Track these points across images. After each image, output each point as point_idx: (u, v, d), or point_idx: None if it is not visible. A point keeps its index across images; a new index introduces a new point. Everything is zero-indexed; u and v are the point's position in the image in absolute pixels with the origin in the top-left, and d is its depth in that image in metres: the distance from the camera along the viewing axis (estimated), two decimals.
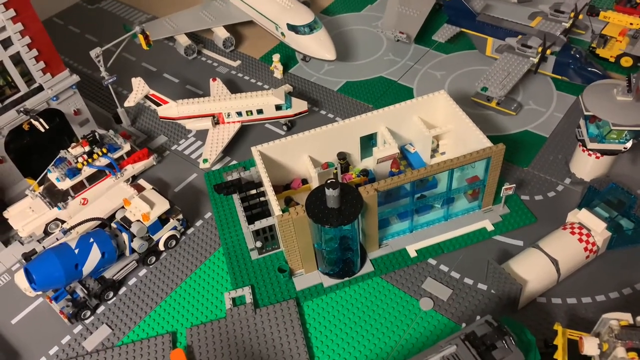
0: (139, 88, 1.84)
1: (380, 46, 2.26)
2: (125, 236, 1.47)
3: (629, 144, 1.46)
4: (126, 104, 1.84)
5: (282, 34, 2.15)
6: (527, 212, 1.52)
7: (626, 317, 1.01)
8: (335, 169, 1.59)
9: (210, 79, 2.06)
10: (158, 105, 1.86)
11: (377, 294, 1.40)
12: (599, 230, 1.33)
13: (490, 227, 1.50)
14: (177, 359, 1.27)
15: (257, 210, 1.55)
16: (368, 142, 1.67)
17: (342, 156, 1.64)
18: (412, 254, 1.47)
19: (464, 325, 1.28)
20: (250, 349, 1.30)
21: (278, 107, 1.84)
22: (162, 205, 1.52)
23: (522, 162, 1.68)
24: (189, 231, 1.63)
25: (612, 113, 1.41)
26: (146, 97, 1.85)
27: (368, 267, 1.45)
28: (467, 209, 1.54)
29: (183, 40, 2.30)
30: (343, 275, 1.44)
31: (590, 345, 1.05)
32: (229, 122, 1.85)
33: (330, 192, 1.25)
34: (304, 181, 1.63)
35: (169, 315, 1.42)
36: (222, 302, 1.43)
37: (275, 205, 1.35)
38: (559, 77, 1.91)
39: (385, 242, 1.51)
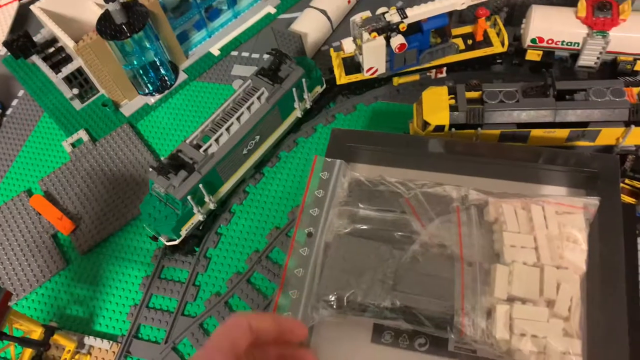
0: None
1: None
2: None
3: None
4: None
5: None
6: None
7: (367, 13, 1.29)
8: None
9: None
10: None
11: (197, 94, 1.58)
12: None
13: (273, 11, 1.71)
14: (37, 201, 1.38)
15: (64, 66, 1.61)
16: None
17: None
18: (216, 53, 1.65)
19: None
20: (102, 172, 1.45)
21: None
22: None
23: None
24: (8, 112, 1.66)
25: None
26: None
27: (182, 77, 1.62)
28: (251, 3, 1.73)
29: None
30: (163, 90, 1.59)
31: (347, 45, 1.35)
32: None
33: (111, 7, 1.36)
34: None
35: (19, 180, 1.50)
36: (64, 152, 1.53)
37: (68, 40, 1.42)
38: None
39: (191, 52, 1.67)
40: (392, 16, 1.24)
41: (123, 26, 1.38)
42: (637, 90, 1.08)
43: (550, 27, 1.27)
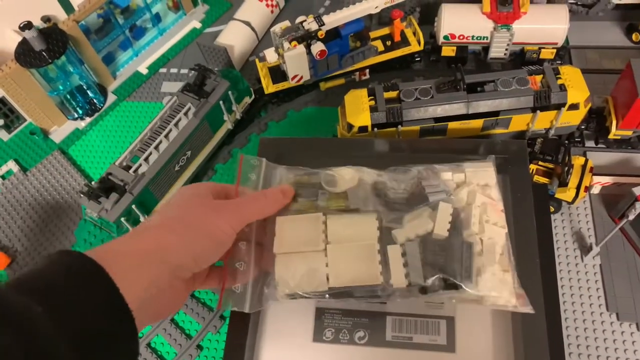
0: None
1: None
2: None
3: None
4: None
5: None
6: (222, 1, 1.77)
7: (286, 23, 1.33)
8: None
9: None
10: None
11: (127, 114, 1.58)
12: None
13: (198, 25, 1.73)
14: None
15: None
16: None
17: (46, 18, 1.69)
18: (144, 71, 1.65)
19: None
20: (35, 202, 1.42)
21: None
22: None
23: None
24: None
25: None
26: None
27: (112, 98, 1.61)
28: (176, 19, 1.74)
29: None
30: (92, 113, 1.58)
31: (270, 55, 1.39)
32: None
33: (28, 34, 1.34)
34: None
35: None
36: None
37: None
38: None
39: (119, 72, 1.66)
40: (310, 24, 1.28)
41: (43, 52, 1.37)
42: (540, 78, 1.16)
43: (459, 23, 1.35)
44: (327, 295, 0.76)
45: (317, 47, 1.29)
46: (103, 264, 0.46)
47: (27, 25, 1.32)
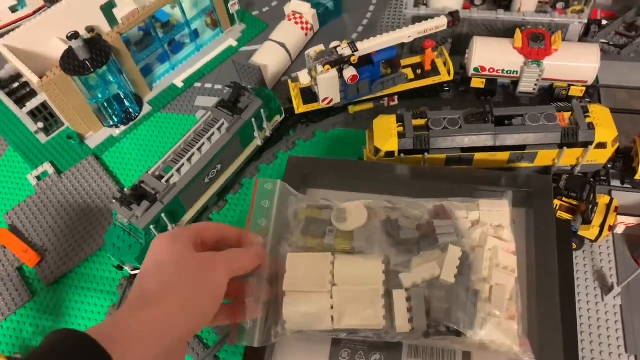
0: None
1: None
2: None
3: None
4: None
5: None
6: (259, 22, 1.82)
7: (320, 47, 1.37)
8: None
9: None
10: None
11: (161, 125, 1.63)
12: (306, 10, 1.68)
13: (234, 44, 1.78)
14: (2, 235, 1.40)
15: (28, 100, 1.63)
16: (111, 10, 1.80)
17: (90, 29, 1.76)
18: (179, 85, 1.70)
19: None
20: (67, 204, 1.47)
21: (13, 10, 1.88)
22: None
23: None
24: None
25: None
26: None
27: (147, 108, 1.66)
28: (213, 36, 1.80)
29: None
30: (127, 121, 1.63)
31: (303, 77, 1.43)
32: None
33: (74, 44, 1.40)
34: None
35: None
36: (29, 185, 1.55)
37: (32, 76, 1.46)
38: None
39: (155, 84, 1.72)
40: (344, 50, 1.32)
41: (86, 62, 1.43)
42: (568, 115, 1.18)
43: (490, 56, 1.37)
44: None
45: (349, 72, 1.32)
46: (107, 345, 0.46)
47: (74, 35, 1.39)
